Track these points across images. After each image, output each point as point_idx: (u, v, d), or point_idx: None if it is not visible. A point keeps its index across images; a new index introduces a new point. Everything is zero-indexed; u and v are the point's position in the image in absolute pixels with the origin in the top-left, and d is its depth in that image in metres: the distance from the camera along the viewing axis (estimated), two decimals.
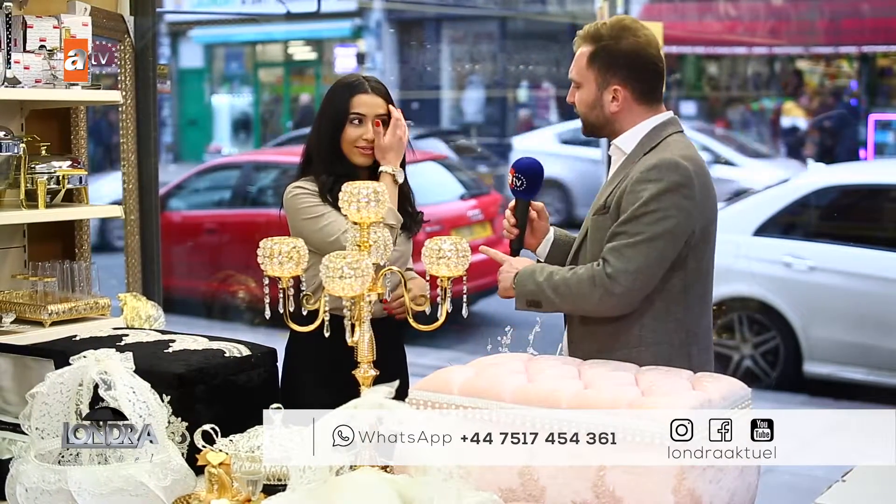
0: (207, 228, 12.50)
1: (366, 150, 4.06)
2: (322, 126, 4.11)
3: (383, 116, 4.08)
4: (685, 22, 20.82)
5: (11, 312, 4.43)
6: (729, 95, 22.60)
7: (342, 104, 4.07)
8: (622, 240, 3.38)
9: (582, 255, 3.61)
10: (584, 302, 3.44)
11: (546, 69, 23.10)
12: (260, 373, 3.60)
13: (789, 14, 20.64)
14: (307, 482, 2.45)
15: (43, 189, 4.39)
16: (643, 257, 3.35)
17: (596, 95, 3.60)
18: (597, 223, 3.55)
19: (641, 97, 3.57)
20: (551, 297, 3.46)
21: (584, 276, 3.42)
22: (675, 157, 3.44)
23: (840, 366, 9.11)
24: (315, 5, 11.00)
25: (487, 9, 23.39)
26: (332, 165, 4.04)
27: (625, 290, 3.35)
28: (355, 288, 2.92)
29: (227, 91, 27.01)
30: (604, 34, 3.58)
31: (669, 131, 3.57)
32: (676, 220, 3.38)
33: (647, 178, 3.41)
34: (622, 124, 3.60)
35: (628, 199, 3.42)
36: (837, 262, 9.11)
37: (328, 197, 3.98)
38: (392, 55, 23.76)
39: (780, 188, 10.17)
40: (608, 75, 3.57)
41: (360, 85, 4.11)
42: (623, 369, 3.16)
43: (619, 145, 3.61)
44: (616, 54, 3.55)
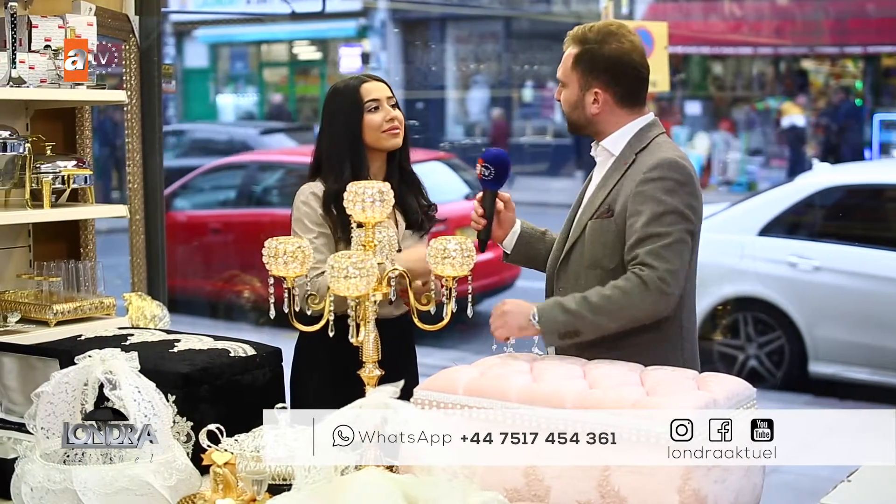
0: (212, 228, 12.50)
1: (394, 131, 4.07)
2: (335, 127, 4.11)
3: (392, 99, 4.11)
4: (690, 22, 20.82)
5: (16, 312, 4.44)
6: (734, 95, 22.61)
7: (353, 98, 4.07)
8: (655, 242, 3.37)
9: (576, 257, 3.60)
10: (637, 310, 3.37)
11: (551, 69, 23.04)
12: (265, 372, 3.60)
13: (794, 14, 20.66)
14: (312, 482, 2.45)
15: (48, 189, 4.40)
16: (678, 257, 3.37)
17: (578, 96, 3.63)
18: (597, 226, 3.54)
19: (622, 101, 3.60)
20: (593, 320, 3.36)
21: (630, 287, 3.36)
22: (674, 157, 3.48)
23: (845, 366, 9.09)
24: (320, 5, 11.03)
25: (492, 9, 23.42)
26: (345, 166, 4.03)
27: (675, 290, 3.37)
28: (360, 288, 2.92)
29: (231, 91, 27.03)
30: (590, 38, 3.61)
31: (655, 132, 3.61)
32: (690, 218, 3.43)
33: (652, 176, 3.43)
34: (604, 126, 3.63)
35: (637, 199, 3.43)
36: (842, 262, 9.10)
37: (332, 208, 3.99)
38: (397, 55, 23.78)
39: (785, 188, 10.17)
40: (590, 78, 3.59)
41: (360, 78, 4.15)
42: (628, 369, 3.16)
43: (606, 147, 3.63)
44: (599, 58, 3.58)
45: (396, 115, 4.09)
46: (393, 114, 4.07)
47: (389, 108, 4.08)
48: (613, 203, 3.52)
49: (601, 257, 3.51)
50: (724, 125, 20.79)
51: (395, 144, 4.09)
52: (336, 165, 4.06)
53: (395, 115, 4.08)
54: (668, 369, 3.17)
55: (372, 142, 4.06)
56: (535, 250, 3.86)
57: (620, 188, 3.51)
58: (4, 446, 3.48)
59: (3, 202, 4.48)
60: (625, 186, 3.50)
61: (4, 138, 4.26)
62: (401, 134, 4.10)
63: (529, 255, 3.86)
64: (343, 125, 4.08)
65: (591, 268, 3.54)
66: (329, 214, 4.01)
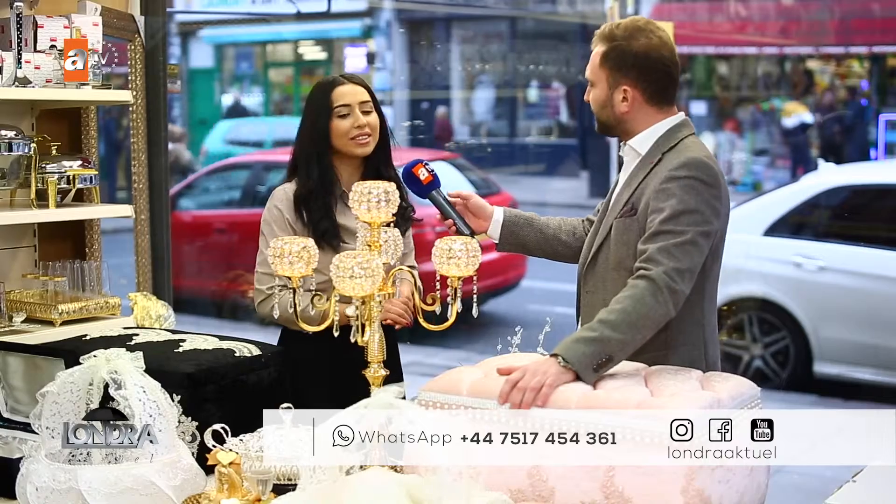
0: (217, 228, 12.52)
1: (362, 139, 4.04)
2: (305, 129, 4.11)
3: (366, 104, 4.07)
4: (695, 22, 20.80)
5: (22, 312, 4.44)
6: (739, 95, 22.58)
7: (323, 101, 4.06)
8: (668, 239, 3.30)
9: (603, 258, 3.57)
10: (655, 313, 3.22)
11: (556, 69, 23.12)
12: (270, 372, 3.60)
13: (799, 14, 20.63)
14: (317, 482, 2.46)
15: (53, 189, 4.40)
16: (688, 257, 3.28)
17: (607, 95, 3.57)
18: (622, 225, 3.51)
19: (652, 98, 3.55)
20: (619, 338, 3.14)
21: (640, 292, 3.22)
22: (701, 157, 3.42)
23: (850, 366, 9.10)
24: (325, 5, 11.02)
25: (497, 8, 23.40)
26: (313, 168, 4.05)
27: (683, 288, 3.27)
28: (366, 288, 2.93)
29: (237, 91, 27.04)
30: (617, 34, 3.56)
31: (685, 133, 3.55)
32: (711, 220, 3.36)
33: (677, 175, 3.37)
34: (633, 125, 3.57)
35: (659, 197, 3.37)
36: (848, 263, 9.10)
37: (301, 210, 4.03)
38: (402, 55, 23.78)
39: (790, 188, 10.18)
40: (619, 75, 3.55)
41: (335, 80, 4.12)
42: (633, 370, 3.16)
43: (633, 146, 3.58)
44: (627, 54, 3.53)
45: (368, 122, 4.05)
46: (362, 121, 4.04)
47: (360, 114, 4.04)
48: (637, 202, 3.47)
49: (625, 257, 3.46)
50: (729, 125, 20.76)
51: (363, 153, 4.07)
52: (304, 168, 4.07)
53: (366, 122, 4.05)
54: (672, 369, 3.16)
55: (340, 147, 4.06)
56: (523, 236, 3.83)
57: (645, 187, 3.47)
58: (10, 446, 3.49)
59: (9, 202, 4.48)
60: (649, 185, 3.45)
61: (10, 138, 4.26)
62: (370, 142, 4.07)
63: (519, 243, 3.83)
64: (312, 128, 4.09)
65: (616, 269, 3.49)
66: (300, 217, 4.04)
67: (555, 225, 3.88)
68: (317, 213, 4.03)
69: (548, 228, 3.86)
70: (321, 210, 4.03)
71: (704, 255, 3.36)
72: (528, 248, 3.87)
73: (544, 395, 2.92)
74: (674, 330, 3.40)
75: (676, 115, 3.59)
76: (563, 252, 3.86)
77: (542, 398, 2.92)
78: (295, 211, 4.05)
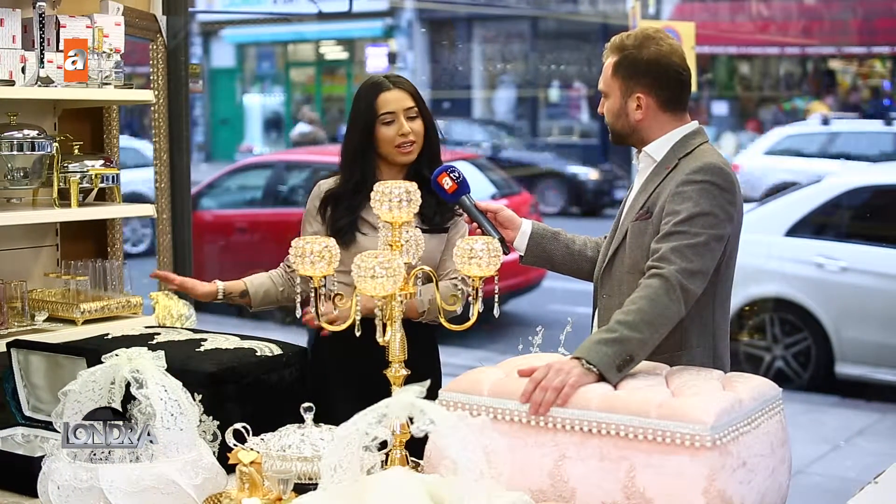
0: (239, 227, 12.54)
1: (406, 147, 4.01)
2: (352, 132, 4.11)
3: (411, 110, 4.05)
4: (717, 22, 20.77)
5: (44, 310, 4.45)
6: (761, 95, 22.54)
7: (369, 107, 4.04)
8: (682, 239, 3.30)
9: (619, 262, 3.58)
10: (669, 311, 3.23)
11: (577, 69, 23.11)
12: (291, 372, 3.61)
13: (822, 14, 20.58)
14: (338, 481, 2.45)
15: (75, 188, 4.41)
16: (700, 258, 3.29)
17: (621, 104, 3.59)
18: (637, 228, 3.52)
19: (665, 105, 3.56)
20: (638, 337, 3.14)
21: (653, 292, 3.23)
22: (717, 162, 3.43)
23: (872, 367, 9.07)
24: (347, 5, 11.04)
25: (519, 8, 23.42)
26: (356, 168, 4.05)
27: (694, 289, 3.29)
28: (387, 287, 2.92)
29: (258, 90, 27.11)
30: (627, 44, 3.58)
31: (700, 140, 3.57)
32: (725, 225, 3.37)
33: (694, 178, 3.38)
34: (648, 133, 3.59)
35: (675, 199, 3.38)
36: (869, 263, 9.07)
37: (326, 208, 4.07)
38: (423, 55, 23.82)
39: (812, 188, 10.13)
40: (631, 83, 3.56)
41: (382, 84, 4.08)
42: (654, 370, 3.16)
43: (649, 152, 3.59)
44: (639, 62, 3.55)
45: (413, 130, 4.02)
46: (406, 129, 4.01)
47: (405, 121, 4.02)
48: (653, 205, 3.48)
49: (640, 260, 3.46)
50: (750, 125, 20.74)
51: (406, 161, 4.05)
52: (348, 167, 4.08)
53: (410, 130, 4.02)
54: (693, 370, 3.16)
55: (385, 154, 4.05)
56: (549, 251, 3.83)
57: (661, 191, 3.47)
58: (32, 444, 3.50)
59: (31, 201, 4.49)
60: (665, 189, 3.46)
61: (32, 137, 4.28)
62: (414, 150, 4.04)
63: (544, 257, 3.83)
64: (358, 132, 4.07)
65: (630, 272, 3.49)
66: (322, 213, 4.06)
67: (580, 241, 3.88)
68: (338, 213, 4.04)
69: (573, 244, 3.86)
70: (344, 210, 4.03)
71: (717, 258, 3.37)
72: (554, 262, 3.86)
73: (565, 395, 2.92)
74: (686, 331, 3.42)
75: (691, 123, 3.61)
76: (587, 269, 3.84)
77: (563, 398, 2.92)
78: (320, 206, 4.06)
